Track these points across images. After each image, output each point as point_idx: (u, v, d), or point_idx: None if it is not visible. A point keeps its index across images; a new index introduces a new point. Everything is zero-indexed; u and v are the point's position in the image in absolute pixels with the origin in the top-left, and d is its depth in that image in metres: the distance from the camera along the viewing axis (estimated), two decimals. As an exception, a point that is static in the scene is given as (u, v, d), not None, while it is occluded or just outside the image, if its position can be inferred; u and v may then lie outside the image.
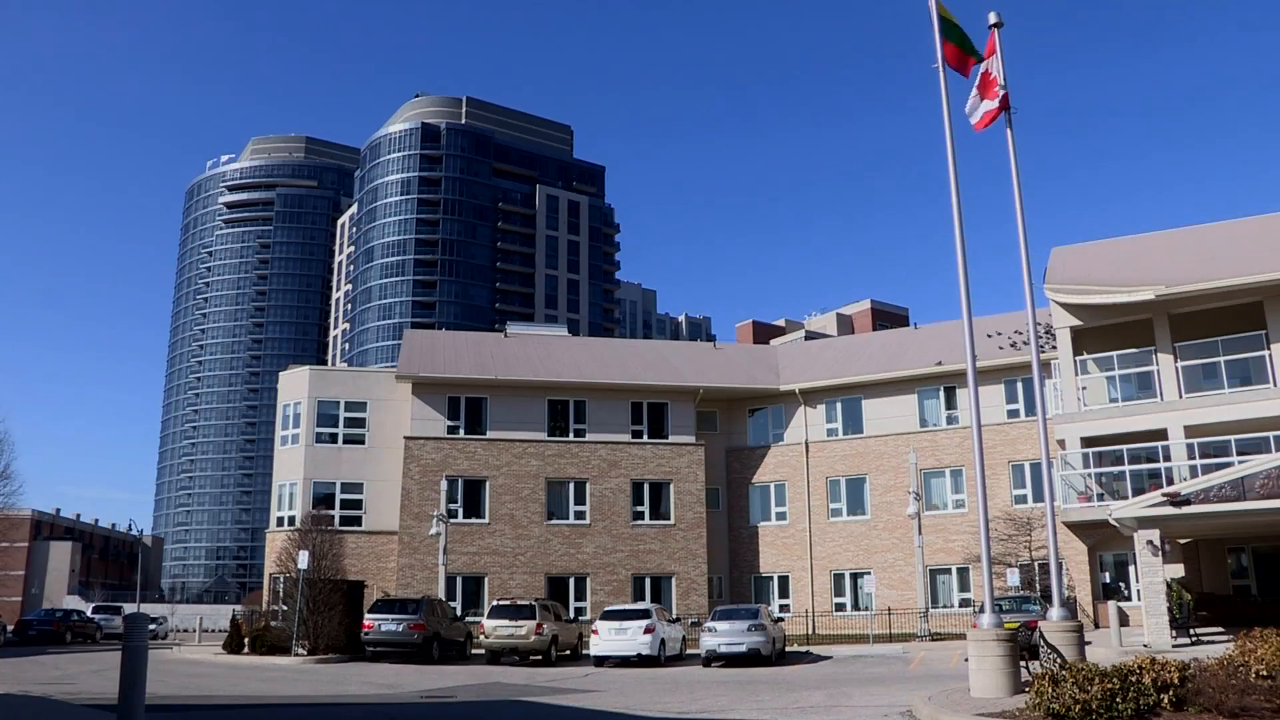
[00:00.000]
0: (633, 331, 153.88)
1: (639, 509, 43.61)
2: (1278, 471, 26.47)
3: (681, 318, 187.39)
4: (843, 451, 44.41)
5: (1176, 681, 12.81)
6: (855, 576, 43.21)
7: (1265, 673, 13.08)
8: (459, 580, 40.78)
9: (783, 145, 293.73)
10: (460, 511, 41.61)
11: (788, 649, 32.61)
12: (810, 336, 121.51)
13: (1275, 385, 35.19)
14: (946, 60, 19.07)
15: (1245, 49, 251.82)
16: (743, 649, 28.51)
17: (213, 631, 50.49)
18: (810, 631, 40.47)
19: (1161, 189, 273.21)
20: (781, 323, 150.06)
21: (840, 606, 43.12)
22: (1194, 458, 35.07)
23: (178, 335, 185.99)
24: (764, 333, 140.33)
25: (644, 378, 45.11)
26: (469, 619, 36.04)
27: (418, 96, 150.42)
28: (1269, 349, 35.58)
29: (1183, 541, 35.18)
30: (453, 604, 37.97)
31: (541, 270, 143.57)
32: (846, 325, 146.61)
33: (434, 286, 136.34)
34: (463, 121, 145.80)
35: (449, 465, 42.05)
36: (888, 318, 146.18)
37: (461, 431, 42.88)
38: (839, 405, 45.09)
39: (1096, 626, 35.74)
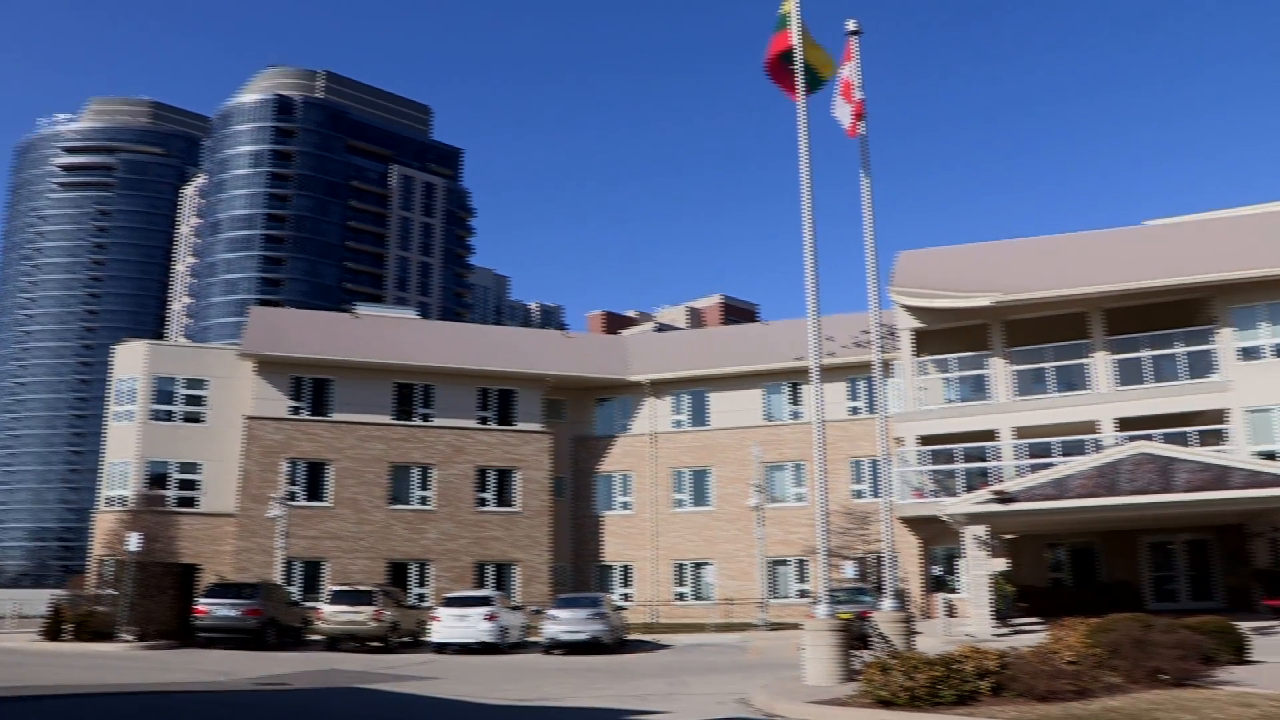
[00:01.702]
0: (484, 317, 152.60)
1: (484, 496, 43.42)
2: (1095, 473, 27.95)
3: (534, 305, 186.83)
4: (688, 443, 44.99)
5: (995, 669, 13.47)
6: (697, 566, 43.86)
7: (1073, 659, 13.89)
8: (298, 565, 39.92)
9: (641, 139, 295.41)
10: (301, 494, 40.72)
11: (629, 638, 32.93)
12: (661, 329, 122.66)
13: (1096, 391, 37.14)
14: (774, 61, 19.42)
15: (1094, 57, 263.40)
16: (584, 637, 28.71)
17: (32, 618, 48.11)
18: (652, 620, 40.95)
19: (1007, 195, 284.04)
20: (633, 314, 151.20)
21: (681, 596, 43.73)
22: (1021, 458, 36.76)
23: (1, 302, 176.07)
24: (615, 323, 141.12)
25: (493, 364, 44.85)
26: (308, 604, 35.31)
27: (272, 67, 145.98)
28: (1091, 357, 37.56)
29: (1008, 537, 36.79)
30: (291, 589, 37.16)
31: (394, 251, 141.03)
32: (697, 319, 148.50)
33: (282, 263, 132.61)
34: (319, 96, 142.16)
35: (291, 447, 41.11)
36: (738, 313, 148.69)
37: (305, 413, 41.94)
38: (686, 398, 45.66)
39: (926, 617, 37.09)
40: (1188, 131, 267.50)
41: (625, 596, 43.35)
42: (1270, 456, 33.08)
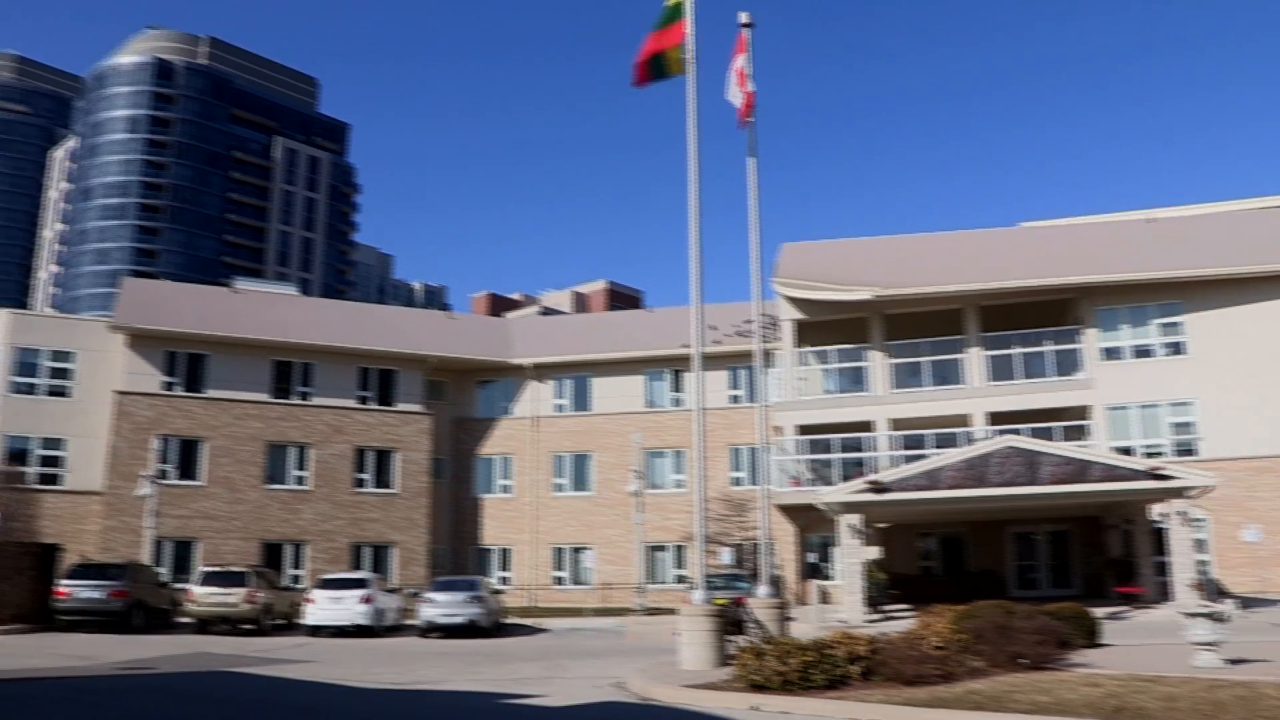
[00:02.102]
0: (367, 296, 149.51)
1: (362, 476, 42.86)
2: (965, 465, 28.84)
3: (418, 285, 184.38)
4: (570, 428, 45.05)
5: (866, 654, 13.87)
6: (576, 551, 43.98)
7: (940, 644, 14.37)
8: (168, 545, 38.86)
9: (531, 122, 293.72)
10: (173, 473, 39.64)
11: (507, 621, 32.92)
12: (546, 312, 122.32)
13: (969, 386, 38.31)
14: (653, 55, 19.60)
15: (972, 58, 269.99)
16: (461, 620, 28.61)
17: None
18: (530, 604, 40.97)
19: (890, 192, 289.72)
20: (518, 297, 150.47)
21: (560, 580, 43.81)
22: (896, 449, 37.71)
23: None
24: (500, 305, 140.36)
25: (375, 343, 44.23)
26: (178, 586, 34.41)
27: (152, 29, 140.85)
28: (966, 353, 38.73)
29: (881, 526, 37.72)
30: (160, 570, 36.18)
31: (275, 225, 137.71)
32: (582, 303, 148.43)
33: (158, 234, 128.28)
34: (201, 62, 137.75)
35: (163, 423, 39.99)
36: (623, 299, 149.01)
37: (179, 389, 40.79)
38: (569, 382, 45.68)
39: (801, 604, 37.79)
40: (1063, 134, 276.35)
41: (503, 580, 43.27)
42: (1127, 452, 34.55)
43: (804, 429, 39.39)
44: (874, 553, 35.70)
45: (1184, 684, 12.29)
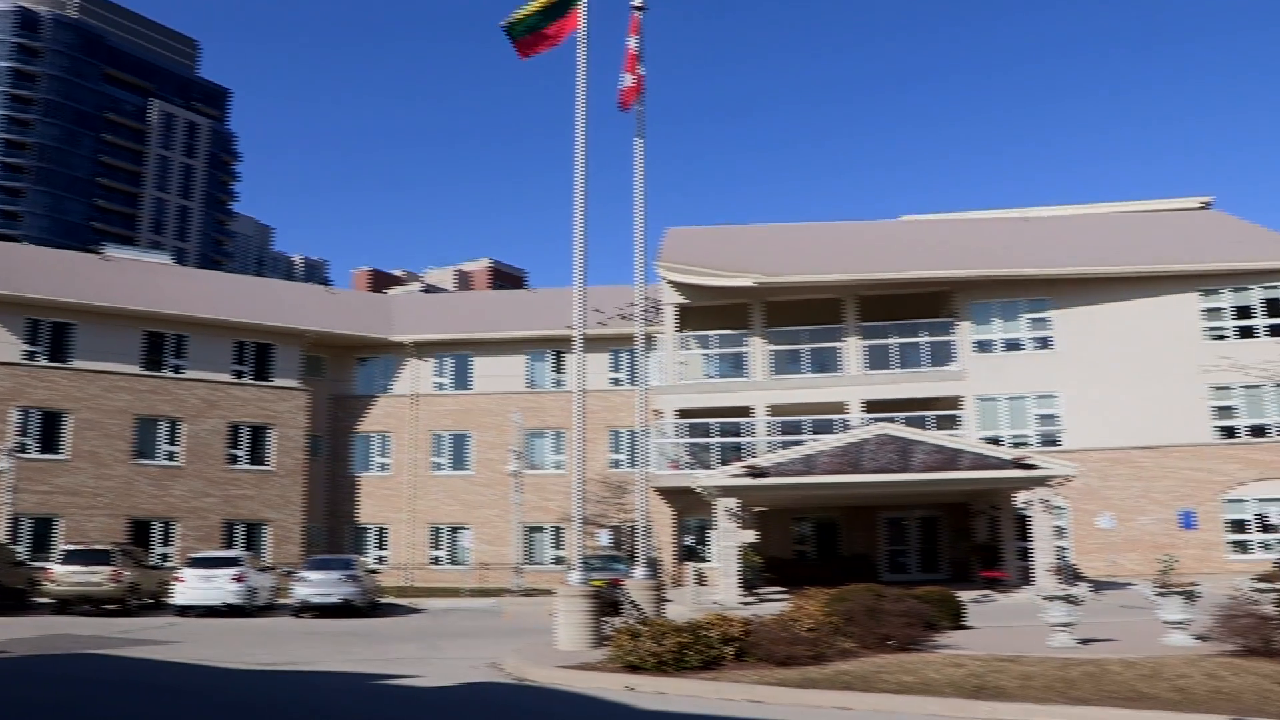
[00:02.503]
0: (245, 267, 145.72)
1: (236, 453, 41.88)
2: (841, 451, 29.47)
3: (298, 259, 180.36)
4: (450, 406, 44.70)
5: (739, 636, 14.12)
6: (454, 531, 43.72)
7: (812, 626, 14.70)
8: (27, 522, 37.37)
9: (418, 99, 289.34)
10: (34, 446, 38.15)
11: (383, 601, 32.59)
12: (428, 290, 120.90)
13: (846, 374, 39.12)
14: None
15: (873, 54, 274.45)
16: (335, 600, 28.26)
17: None
18: (406, 584, 40.61)
19: (776, 183, 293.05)
20: (400, 273, 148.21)
21: (437, 560, 43.50)
22: (774, 435, 38.32)
23: None
24: (382, 282, 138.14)
25: (252, 316, 43.15)
26: (36, 565, 33.12)
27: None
28: (844, 342, 39.53)
29: (758, 510, 38.35)
30: (18, 548, 34.80)
31: (150, 191, 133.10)
32: (465, 282, 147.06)
33: (21, 195, 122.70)
34: (71, 15, 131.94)
35: (24, 394, 38.44)
36: (506, 278, 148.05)
37: (42, 358, 39.24)
38: (450, 360, 45.28)
39: (677, 586, 38.20)
40: (942, 133, 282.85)
41: (380, 559, 42.79)
42: (995, 441, 35.73)
43: (684, 413, 39.76)
44: (750, 536, 36.25)
45: (1040, 664, 12.81)
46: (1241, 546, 36.68)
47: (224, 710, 11.18)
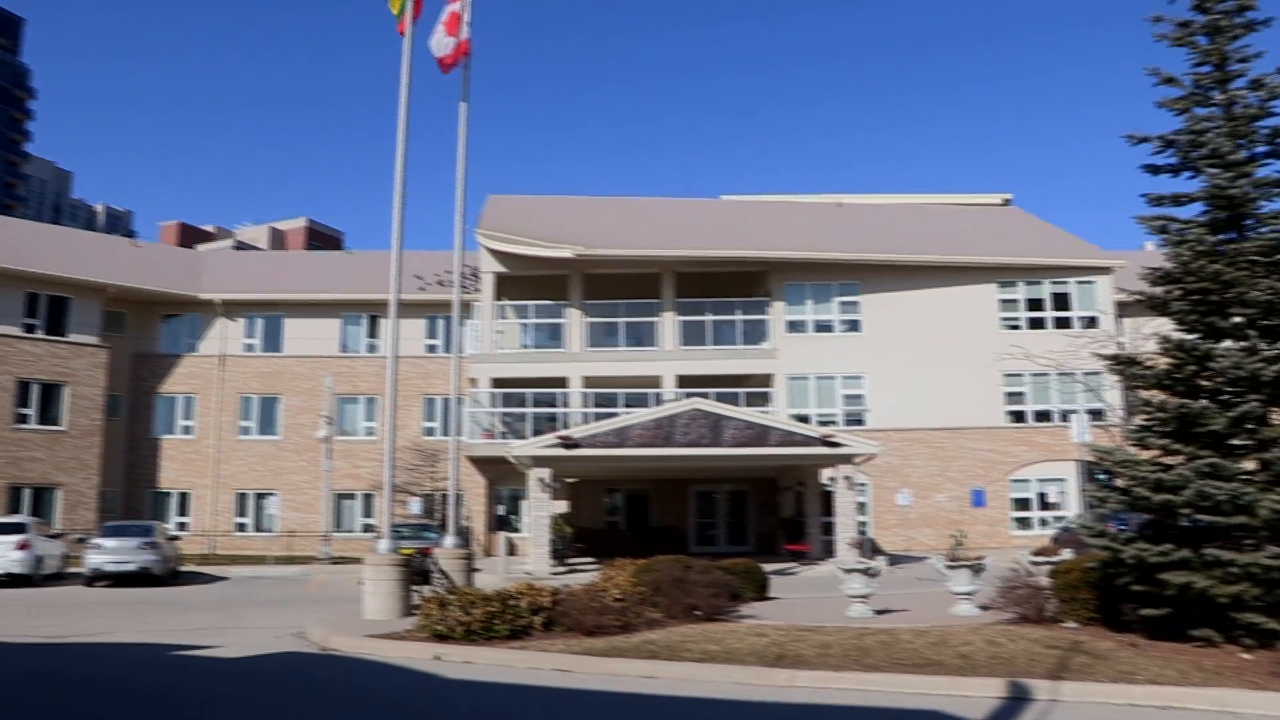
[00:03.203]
0: (40, 214, 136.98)
1: (25, 412, 39.47)
2: (654, 424, 29.85)
3: (99, 208, 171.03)
4: (260, 369, 43.26)
5: (548, 605, 14.20)
6: (260, 497, 42.40)
7: (620, 597, 14.90)
8: None
9: (234, 53, 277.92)
10: None
11: (183, 569, 31.47)
12: (240, 247, 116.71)
13: (662, 349, 39.61)
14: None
15: (704, 36, 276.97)
16: (132, 568, 27.12)
17: None
18: (209, 551, 39.25)
19: (603, 160, 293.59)
20: (211, 229, 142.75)
21: (242, 527, 42.10)
22: (589, 407, 38.52)
23: None
24: (191, 237, 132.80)
25: (46, 266, 40.55)
26: None
27: None
28: (660, 317, 39.98)
29: (570, 481, 38.51)
30: None
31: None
32: (279, 240, 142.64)
33: None
34: None
35: None
36: (323, 239, 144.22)
37: None
38: (261, 321, 43.77)
39: (488, 555, 38.08)
40: (763, 119, 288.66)
41: (182, 526, 41.11)
42: (804, 419, 36.76)
43: (499, 382, 39.55)
44: (562, 507, 36.42)
45: (837, 633, 13.32)
46: (1024, 523, 38.91)
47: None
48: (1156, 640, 12.04)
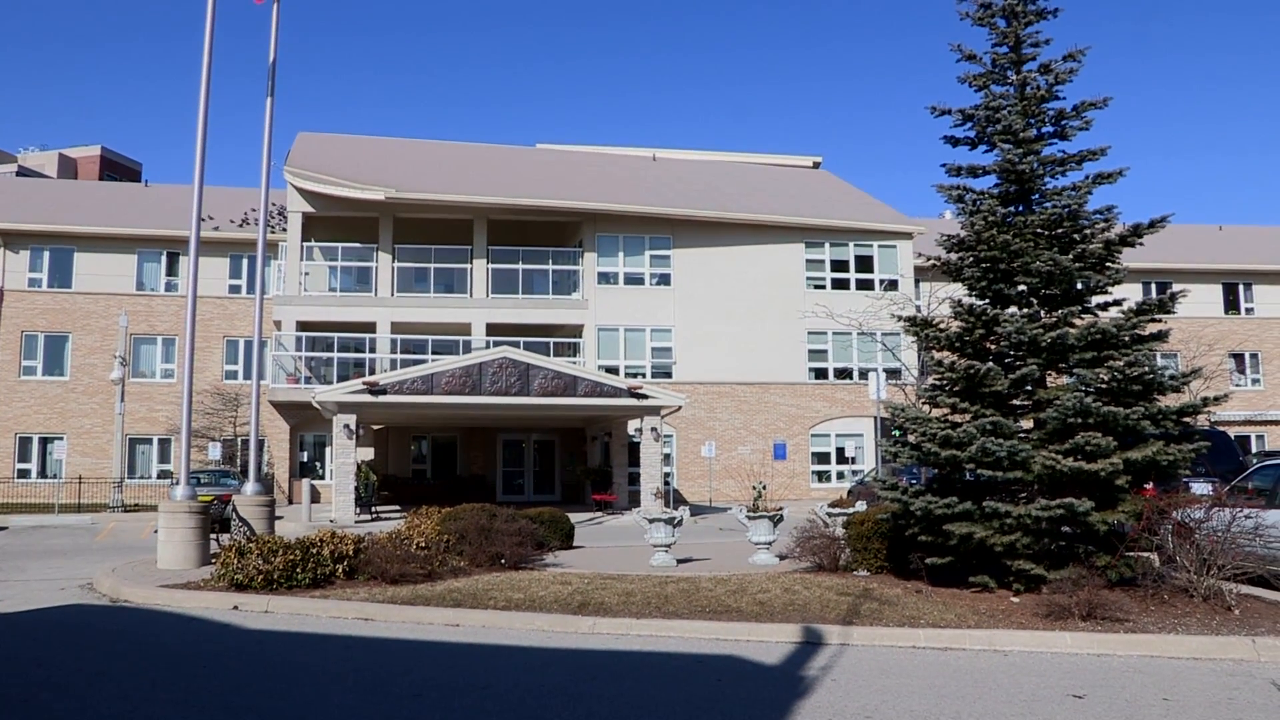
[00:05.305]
0: None
1: None
2: (462, 373, 29.66)
3: None
4: (46, 305, 40.82)
5: (351, 553, 14.06)
6: (46, 441, 40.15)
7: (424, 545, 14.88)
8: None
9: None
10: None
11: (-48, 514, 29.63)
12: (24, 174, 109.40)
13: (470, 296, 39.28)
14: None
15: None
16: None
17: None
18: (-17, 496, 37.07)
19: (421, 103, 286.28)
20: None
21: (25, 474, 39.86)
22: (397, 353, 37.96)
23: None
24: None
25: None
26: None
27: None
28: (471, 264, 39.61)
29: (376, 428, 37.98)
30: None
31: None
32: (70, 169, 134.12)
33: None
34: None
35: None
36: (119, 169, 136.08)
37: None
38: (47, 254, 41.22)
39: (292, 502, 37.26)
40: (582, 69, 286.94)
41: (-48, 470, 38.69)
42: (613, 371, 37.20)
43: (305, 325, 38.51)
44: (368, 454, 35.91)
45: (640, 581, 13.63)
46: (823, 476, 40.45)
47: None
48: (940, 587, 12.78)
